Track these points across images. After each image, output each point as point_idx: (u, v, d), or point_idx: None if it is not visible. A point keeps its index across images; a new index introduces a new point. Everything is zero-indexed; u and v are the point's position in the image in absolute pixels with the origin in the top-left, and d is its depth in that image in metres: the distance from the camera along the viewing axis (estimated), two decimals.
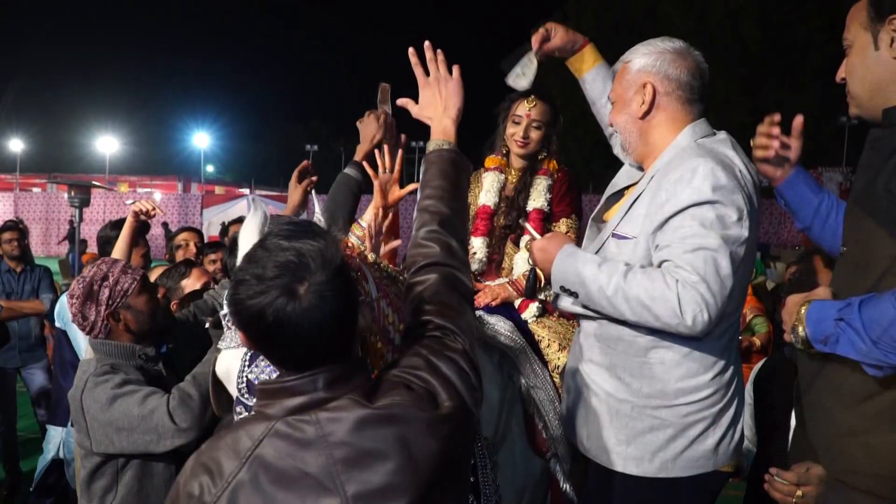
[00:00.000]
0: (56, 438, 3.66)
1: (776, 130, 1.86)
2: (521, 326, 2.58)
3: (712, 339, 1.83)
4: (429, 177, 1.54)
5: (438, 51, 1.66)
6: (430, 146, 1.58)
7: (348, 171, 2.54)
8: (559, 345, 2.60)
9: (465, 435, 1.24)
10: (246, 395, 1.36)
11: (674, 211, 1.78)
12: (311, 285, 1.10)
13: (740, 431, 1.94)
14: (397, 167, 2.31)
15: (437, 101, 1.63)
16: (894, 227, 1.41)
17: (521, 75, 2.34)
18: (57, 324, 3.71)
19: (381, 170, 2.34)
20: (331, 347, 1.15)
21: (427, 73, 1.66)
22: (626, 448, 1.90)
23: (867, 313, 1.37)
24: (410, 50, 1.66)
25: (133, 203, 2.99)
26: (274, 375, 1.32)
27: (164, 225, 19.07)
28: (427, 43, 1.65)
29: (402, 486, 1.11)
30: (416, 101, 1.69)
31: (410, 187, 2.34)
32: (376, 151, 2.39)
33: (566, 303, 2.00)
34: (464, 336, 1.32)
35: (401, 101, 1.71)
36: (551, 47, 2.32)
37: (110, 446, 2.00)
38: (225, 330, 1.45)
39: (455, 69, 1.65)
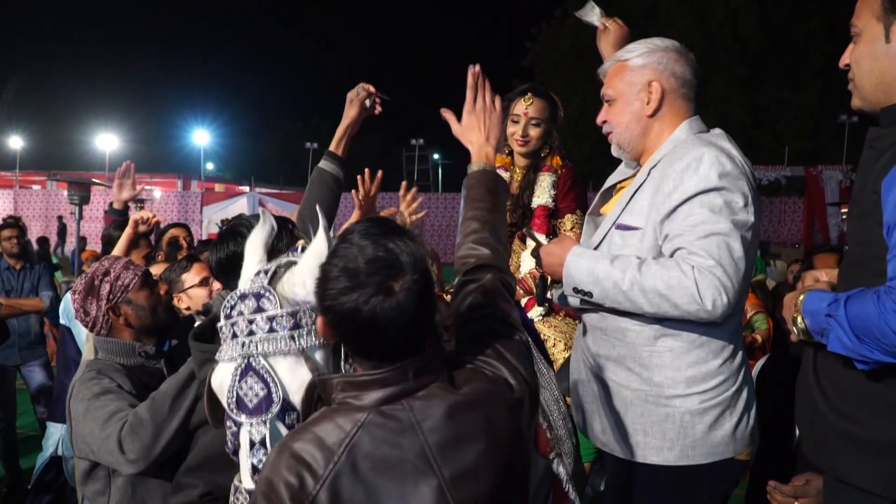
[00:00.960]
0: (55, 435, 3.66)
1: None
2: (527, 325, 2.57)
3: (719, 325, 1.83)
4: (475, 192, 1.67)
5: (483, 76, 1.77)
6: (474, 167, 1.72)
7: (323, 164, 2.42)
8: (565, 344, 2.60)
9: (532, 416, 1.34)
10: (234, 410, 1.31)
11: (682, 199, 1.80)
12: (405, 283, 1.15)
13: (754, 415, 1.95)
14: (374, 189, 2.43)
15: (480, 129, 1.75)
16: (880, 227, 1.41)
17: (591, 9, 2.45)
18: (62, 320, 3.70)
19: (362, 193, 2.39)
20: (416, 340, 1.22)
21: (474, 98, 1.76)
22: (645, 438, 1.90)
23: (852, 310, 1.38)
24: (471, 70, 1.76)
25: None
26: (262, 393, 1.29)
27: (157, 224, 19.03)
28: (477, 68, 1.77)
29: (490, 465, 1.21)
30: (457, 116, 1.80)
31: (390, 210, 2.47)
32: (358, 176, 2.41)
33: (574, 300, 1.99)
34: (519, 329, 1.42)
35: (446, 114, 1.81)
36: (601, 34, 2.44)
37: (90, 454, 1.98)
38: (222, 341, 1.39)
39: (497, 101, 1.77)
